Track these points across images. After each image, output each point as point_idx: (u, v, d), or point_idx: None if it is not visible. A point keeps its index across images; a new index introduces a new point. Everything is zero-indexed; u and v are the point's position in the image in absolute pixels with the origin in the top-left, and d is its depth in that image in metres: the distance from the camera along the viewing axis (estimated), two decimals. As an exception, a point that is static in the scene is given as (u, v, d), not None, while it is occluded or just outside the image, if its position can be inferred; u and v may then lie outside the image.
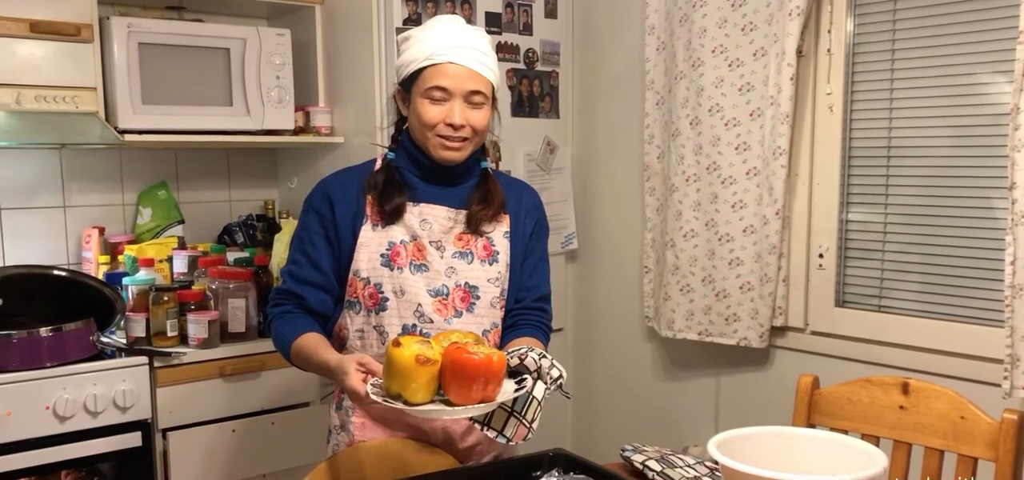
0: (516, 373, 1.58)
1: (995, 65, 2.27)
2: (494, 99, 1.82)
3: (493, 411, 1.54)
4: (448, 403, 1.49)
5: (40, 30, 2.48)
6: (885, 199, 2.54)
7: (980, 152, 2.32)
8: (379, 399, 1.49)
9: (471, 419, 1.57)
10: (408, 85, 1.79)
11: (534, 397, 1.55)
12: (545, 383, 1.57)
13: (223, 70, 2.79)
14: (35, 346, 2.37)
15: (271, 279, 2.80)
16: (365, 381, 1.56)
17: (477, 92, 1.75)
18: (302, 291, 1.82)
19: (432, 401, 1.49)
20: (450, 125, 1.74)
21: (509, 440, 1.57)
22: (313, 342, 1.76)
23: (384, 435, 1.81)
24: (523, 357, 1.58)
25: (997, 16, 2.24)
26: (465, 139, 1.77)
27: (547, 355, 1.63)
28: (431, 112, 1.75)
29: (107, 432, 2.44)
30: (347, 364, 1.61)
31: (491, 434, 1.57)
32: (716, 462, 1.38)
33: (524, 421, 1.56)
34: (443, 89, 1.74)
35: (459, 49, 1.74)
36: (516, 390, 1.53)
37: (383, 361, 1.51)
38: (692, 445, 2.72)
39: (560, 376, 1.61)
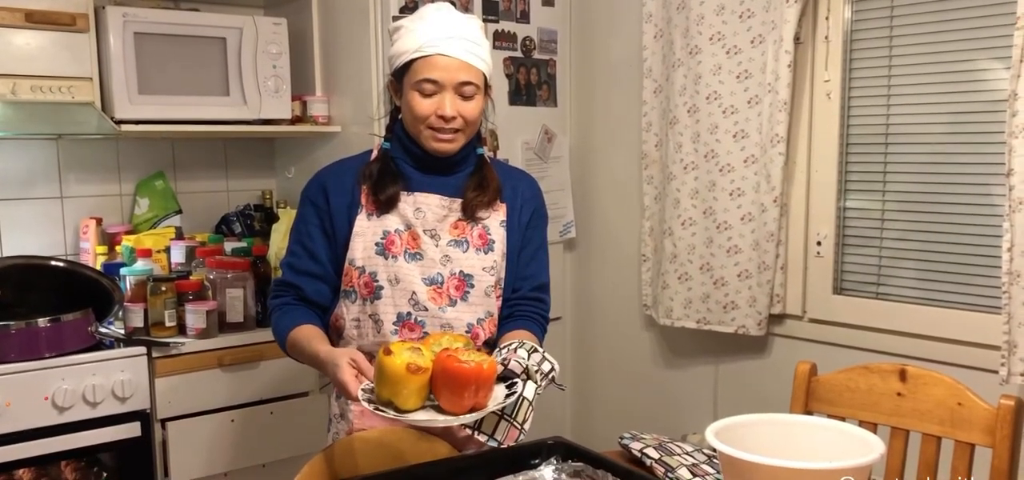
0: (506, 377, 1.58)
1: (992, 51, 2.26)
2: (487, 88, 1.81)
3: (483, 416, 1.54)
4: (439, 408, 1.49)
5: (36, 20, 2.47)
6: (883, 186, 2.54)
7: (978, 138, 2.31)
8: (370, 407, 1.49)
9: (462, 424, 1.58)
10: (400, 76, 1.79)
11: (525, 398, 1.56)
12: (535, 382, 1.58)
13: (219, 60, 2.78)
14: (33, 337, 2.37)
15: (269, 269, 2.80)
16: (356, 378, 1.57)
17: (468, 83, 1.75)
18: (300, 282, 1.83)
19: (423, 407, 1.49)
20: (441, 117, 1.74)
21: (500, 444, 1.57)
22: (307, 334, 1.76)
23: (382, 424, 1.81)
24: (507, 360, 1.58)
25: (995, 2, 2.23)
26: (457, 130, 1.77)
27: (538, 349, 1.63)
28: (422, 104, 1.75)
29: (106, 422, 2.45)
30: (339, 358, 1.61)
31: (482, 438, 1.58)
32: (714, 449, 1.38)
33: (515, 424, 1.57)
34: (433, 82, 1.73)
35: (449, 40, 1.73)
36: (507, 395, 1.53)
37: (374, 360, 1.52)
38: (690, 433, 2.73)
39: (551, 369, 1.61)
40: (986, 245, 2.31)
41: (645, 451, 1.76)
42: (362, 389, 1.54)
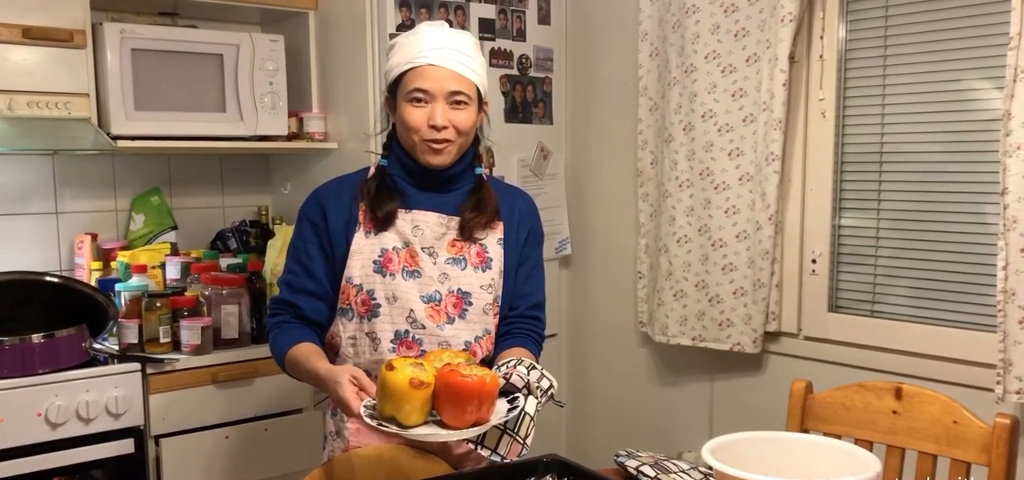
0: (508, 391, 1.58)
1: (986, 71, 2.28)
2: (481, 101, 1.82)
3: (486, 430, 1.54)
4: (441, 423, 1.49)
5: (33, 36, 2.47)
6: (877, 204, 2.55)
7: (972, 157, 2.33)
8: (373, 423, 1.49)
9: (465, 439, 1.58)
10: (394, 90, 1.80)
11: (526, 413, 1.56)
12: (536, 397, 1.58)
13: (216, 76, 2.79)
14: (27, 353, 2.36)
15: (264, 285, 2.80)
16: (358, 395, 1.57)
17: (459, 93, 1.75)
18: (298, 300, 1.83)
19: (426, 422, 1.49)
20: (432, 127, 1.75)
21: (504, 458, 1.58)
22: (306, 352, 1.76)
23: (379, 441, 1.81)
24: (508, 375, 1.58)
25: (988, 22, 2.25)
26: (449, 141, 1.77)
27: (537, 366, 1.64)
28: (414, 115, 1.76)
29: (100, 439, 2.43)
30: (339, 375, 1.61)
31: (485, 453, 1.58)
32: (710, 467, 1.38)
33: (517, 438, 1.57)
34: (424, 91, 1.74)
35: (439, 51, 1.74)
36: (509, 410, 1.53)
37: (375, 378, 1.52)
38: (686, 450, 2.72)
39: (550, 386, 1.61)
40: (981, 263, 2.32)
41: (641, 469, 1.76)
42: (364, 405, 1.54)
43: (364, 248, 1.79)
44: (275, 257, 2.85)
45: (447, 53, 1.74)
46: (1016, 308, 2.08)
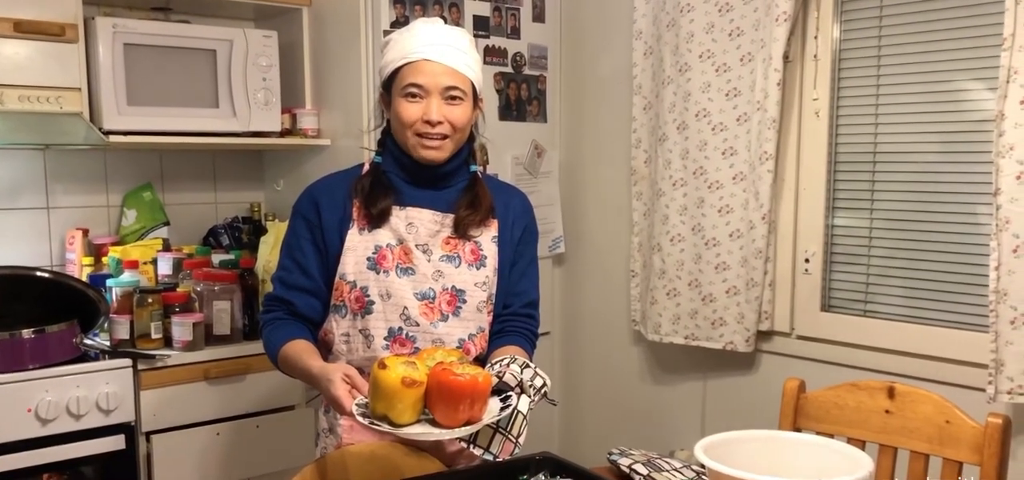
0: (501, 390, 1.58)
1: (980, 72, 2.28)
2: (476, 98, 1.82)
3: (479, 429, 1.54)
4: (433, 422, 1.49)
5: (24, 30, 2.46)
6: (871, 204, 2.55)
7: (965, 158, 2.33)
8: (365, 421, 1.49)
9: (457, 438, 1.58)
10: (389, 86, 1.80)
11: (519, 412, 1.56)
12: (529, 396, 1.58)
13: (209, 71, 2.78)
14: (17, 348, 2.35)
15: (256, 281, 2.79)
16: (350, 393, 1.56)
17: (454, 88, 1.75)
18: (291, 297, 1.82)
19: (418, 421, 1.49)
20: (427, 122, 1.74)
21: (496, 457, 1.57)
22: (298, 349, 1.75)
23: (372, 438, 1.80)
24: (501, 374, 1.58)
25: (982, 23, 2.26)
26: (444, 137, 1.77)
27: (530, 364, 1.64)
28: (409, 110, 1.75)
29: (90, 435, 2.43)
30: (332, 373, 1.61)
31: (478, 451, 1.58)
32: (703, 466, 1.38)
33: (510, 437, 1.57)
34: (419, 86, 1.74)
35: (434, 46, 1.74)
36: (502, 408, 1.53)
37: (367, 376, 1.51)
38: (679, 449, 2.73)
39: (544, 385, 1.61)
40: (973, 263, 2.32)
41: (634, 467, 1.76)
42: (356, 404, 1.54)
43: (358, 245, 1.79)
44: (267, 253, 2.84)
45: (442, 49, 1.74)
46: (1008, 308, 2.09)
